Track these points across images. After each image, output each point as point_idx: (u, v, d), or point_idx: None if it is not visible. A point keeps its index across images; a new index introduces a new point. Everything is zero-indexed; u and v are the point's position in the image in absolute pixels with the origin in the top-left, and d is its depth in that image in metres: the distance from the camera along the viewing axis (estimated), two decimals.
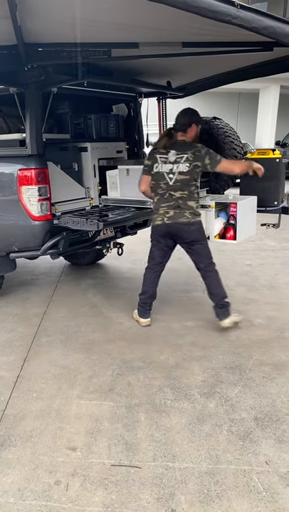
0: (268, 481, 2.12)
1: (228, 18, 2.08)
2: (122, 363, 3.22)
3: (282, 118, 17.95)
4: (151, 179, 3.53)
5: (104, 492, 2.06)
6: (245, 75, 4.25)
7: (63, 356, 3.34)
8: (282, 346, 3.44)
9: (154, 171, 3.49)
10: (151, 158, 3.53)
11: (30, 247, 3.70)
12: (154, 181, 3.51)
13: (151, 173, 3.51)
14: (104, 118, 4.46)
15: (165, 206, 3.49)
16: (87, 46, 3.11)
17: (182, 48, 3.04)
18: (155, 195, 3.55)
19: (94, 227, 3.48)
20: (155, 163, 3.48)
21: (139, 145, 5.04)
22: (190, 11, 1.99)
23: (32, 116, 3.45)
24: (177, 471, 2.18)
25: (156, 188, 3.51)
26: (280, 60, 3.61)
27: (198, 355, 3.32)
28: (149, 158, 3.55)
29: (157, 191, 3.52)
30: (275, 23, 2.29)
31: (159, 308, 4.24)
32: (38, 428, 2.52)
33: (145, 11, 2.38)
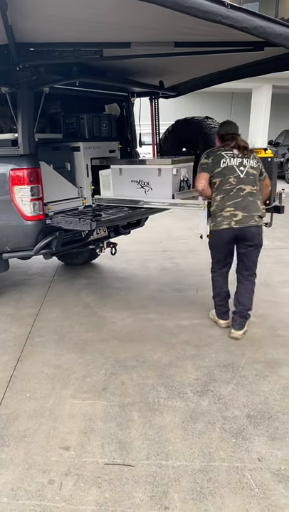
0: (260, 477, 2.13)
1: (219, 18, 2.09)
2: (115, 363, 3.22)
3: (275, 118, 18.02)
4: (215, 177, 3.41)
5: (97, 491, 2.06)
6: (237, 74, 4.27)
7: (57, 356, 3.34)
8: (275, 344, 3.47)
9: (220, 168, 3.38)
10: (212, 155, 3.44)
11: (22, 247, 3.69)
12: (221, 177, 3.38)
13: (213, 171, 3.40)
14: (96, 118, 4.45)
15: (232, 206, 3.34)
16: (78, 46, 3.11)
17: (174, 47, 3.05)
18: (218, 193, 3.40)
19: (87, 226, 3.48)
20: (221, 159, 3.39)
21: (132, 144, 5.04)
22: (181, 10, 2.00)
23: (24, 116, 3.44)
24: (170, 469, 2.19)
25: (223, 184, 3.37)
26: (271, 60, 3.63)
27: (192, 354, 3.33)
28: (207, 157, 3.44)
29: (223, 188, 3.37)
30: (265, 23, 2.31)
31: (152, 308, 4.26)
32: (31, 428, 2.52)
33: (136, 11, 2.38)
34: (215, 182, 3.43)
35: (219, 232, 3.43)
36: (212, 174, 3.43)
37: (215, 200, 3.44)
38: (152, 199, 3.97)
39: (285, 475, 2.15)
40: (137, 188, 4.05)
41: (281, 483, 2.09)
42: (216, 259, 3.66)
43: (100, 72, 4.02)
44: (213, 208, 3.45)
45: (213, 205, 3.46)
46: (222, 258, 3.61)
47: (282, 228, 7.59)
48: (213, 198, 3.46)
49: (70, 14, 2.55)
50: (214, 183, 3.44)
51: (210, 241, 3.60)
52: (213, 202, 3.46)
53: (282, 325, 3.81)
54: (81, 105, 4.52)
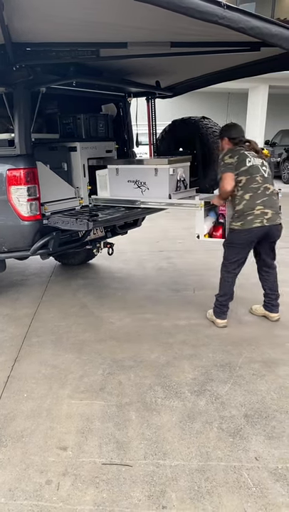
0: (257, 476, 2.14)
1: (215, 19, 2.10)
2: (112, 363, 3.22)
3: (272, 118, 18.06)
4: (240, 175, 3.42)
5: (95, 491, 2.06)
6: (234, 74, 4.29)
7: (54, 356, 3.34)
8: (271, 344, 3.48)
9: (246, 166, 3.41)
10: (236, 154, 3.45)
11: (19, 248, 3.69)
12: (248, 176, 3.41)
13: (238, 169, 3.41)
14: (93, 118, 4.45)
15: (261, 204, 3.40)
16: (75, 46, 3.11)
17: (170, 47, 3.06)
18: (246, 192, 3.42)
19: (84, 226, 3.48)
20: (246, 158, 3.43)
21: (129, 145, 5.04)
22: (177, 11, 2.00)
23: (20, 116, 3.43)
24: (168, 469, 2.19)
25: (251, 183, 3.41)
26: (268, 60, 3.64)
27: (189, 354, 3.33)
28: (232, 156, 3.44)
29: (250, 186, 3.41)
30: (261, 24, 2.31)
31: (149, 308, 4.26)
32: (28, 428, 2.52)
33: (133, 11, 2.39)
34: (240, 180, 3.44)
35: (251, 230, 3.44)
36: (237, 173, 3.42)
37: (243, 198, 3.43)
38: (149, 199, 3.98)
39: (282, 474, 2.15)
40: (134, 188, 4.06)
41: (278, 482, 2.10)
42: (235, 259, 3.60)
43: (97, 72, 4.02)
44: (242, 207, 3.44)
45: (240, 203, 3.44)
46: (242, 257, 3.61)
47: None
48: (239, 196, 3.45)
49: (67, 14, 2.55)
50: (239, 181, 3.44)
51: (231, 241, 3.57)
52: (240, 200, 3.44)
53: (278, 324, 3.82)
54: (78, 105, 4.52)
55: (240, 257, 3.60)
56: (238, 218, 3.47)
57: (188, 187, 4.13)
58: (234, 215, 3.52)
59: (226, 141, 3.64)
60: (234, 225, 3.50)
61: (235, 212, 3.50)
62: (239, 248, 3.56)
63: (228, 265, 3.66)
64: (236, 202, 3.48)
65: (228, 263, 3.66)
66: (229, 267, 3.65)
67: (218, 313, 3.78)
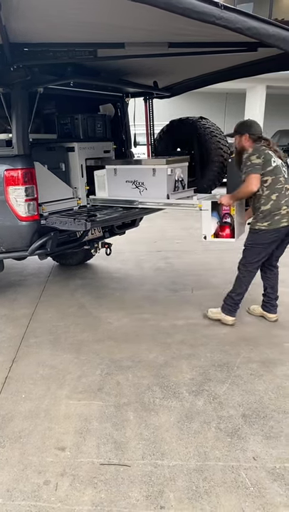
0: (255, 476, 2.14)
1: (212, 19, 2.10)
2: (110, 363, 3.22)
3: (269, 118, 18.09)
4: (266, 175, 3.39)
5: (93, 491, 2.07)
6: (231, 75, 4.29)
7: (52, 357, 3.33)
8: (269, 343, 3.48)
9: (271, 167, 3.39)
10: (262, 154, 3.39)
11: (17, 248, 3.68)
12: (273, 176, 3.39)
13: (265, 169, 3.38)
14: (91, 118, 4.45)
15: (285, 205, 3.42)
16: (73, 46, 3.11)
17: (168, 48, 3.06)
18: (272, 192, 3.41)
19: (82, 227, 3.48)
20: (271, 158, 3.40)
21: (127, 145, 5.04)
22: (174, 11, 2.00)
23: (18, 116, 3.43)
24: (166, 469, 2.20)
25: (276, 183, 3.40)
26: (265, 61, 3.65)
27: (187, 354, 3.34)
28: (259, 156, 3.37)
29: (276, 186, 3.41)
30: (258, 24, 2.32)
31: (147, 308, 4.26)
32: (26, 429, 2.52)
33: (130, 12, 2.39)
34: (266, 180, 3.41)
35: (278, 230, 3.46)
36: (263, 173, 3.39)
37: (270, 198, 3.42)
38: (147, 199, 3.97)
39: (280, 473, 2.16)
40: (132, 188, 4.05)
41: (276, 482, 2.10)
42: (257, 260, 3.60)
43: (95, 73, 4.03)
44: (269, 207, 3.42)
45: (267, 203, 3.42)
46: (264, 257, 3.61)
47: None
48: (266, 196, 3.43)
49: (64, 15, 2.55)
50: (265, 181, 3.41)
51: (256, 241, 3.53)
52: (266, 200, 3.43)
53: (276, 324, 3.83)
54: (76, 105, 4.52)
55: (263, 256, 3.60)
56: (264, 218, 3.45)
57: (186, 187, 4.13)
58: (258, 215, 3.48)
59: (246, 138, 3.55)
60: (260, 226, 3.47)
61: (260, 213, 3.46)
62: (263, 248, 3.55)
63: (248, 265, 3.64)
64: (262, 202, 3.45)
65: (249, 263, 3.62)
66: (250, 267, 3.64)
67: (230, 310, 3.77)
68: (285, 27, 2.50)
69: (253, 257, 3.59)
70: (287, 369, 3.10)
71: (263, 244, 3.52)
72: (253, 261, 3.60)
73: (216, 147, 4.56)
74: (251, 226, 3.57)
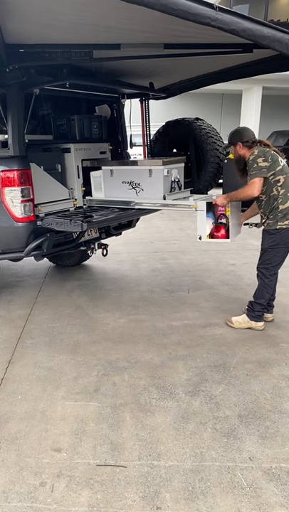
0: (251, 476, 2.15)
1: (208, 21, 2.11)
2: (107, 364, 3.22)
3: (265, 119, 18.15)
4: (277, 175, 3.35)
5: (89, 492, 2.06)
6: (227, 76, 4.31)
7: (48, 358, 3.33)
8: (265, 344, 3.49)
9: (280, 166, 3.36)
10: (269, 155, 3.35)
11: (13, 249, 3.68)
12: (285, 175, 3.37)
13: (275, 169, 3.34)
14: (87, 119, 4.45)
15: None
16: (68, 47, 3.12)
17: (164, 49, 3.07)
18: (287, 190, 3.37)
19: (78, 228, 3.48)
20: (278, 158, 3.39)
21: (123, 146, 5.05)
22: (170, 13, 2.02)
23: (14, 117, 3.43)
24: (162, 469, 2.20)
25: (288, 181, 3.38)
26: (261, 62, 3.67)
27: (183, 354, 3.34)
28: (265, 158, 3.33)
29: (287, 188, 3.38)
30: (253, 26, 2.33)
31: (144, 308, 4.26)
32: (23, 430, 2.51)
33: (126, 14, 2.39)
34: (278, 180, 3.37)
35: None
36: (273, 173, 3.35)
37: (287, 197, 3.38)
38: (143, 200, 3.98)
39: (276, 474, 2.16)
40: (128, 189, 4.06)
41: (272, 482, 2.11)
42: (279, 261, 3.55)
43: (91, 74, 4.03)
44: (287, 206, 3.39)
45: (286, 202, 3.38)
46: (285, 256, 3.56)
47: None
48: (283, 195, 3.38)
49: (60, 16, 2.56)
50: (277, 181, 3.37)
51: (278, 241, 3.47)
52: (284, 199, 3.38)
53: (272, 324, 3.83)
54: (72, 106, 4.52)
55: (284, 256, 3.56)
56: (285, 217, 3.40)
57: (182, 188, 4.14)
58: (277, 214, 3.42)
59: (240, 147, 3.51)
60: (281, 225, 3.41)
61: (279, 212, 3.41)
62: (285, 248, 3.51)
63: (272, 268, 3.57)
64: (280, 201, 3.39)
65: (272, 266, 3.57)
66: (273, 269, 3.58)
67: (259, 316, 3.72)
68: (280, 28, 2.51)
69: (277, 258, 3.53)
70: (283, 369, 3.11)
71: (286, 243, 3.48)
72: (277, 262, 3.55)
73: (212, 148, 4.57)
74: (269, 227, 3.48)
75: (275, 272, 3.62)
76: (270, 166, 3.34)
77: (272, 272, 3.60)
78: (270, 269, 3.59)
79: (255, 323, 3.73)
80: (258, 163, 3.33)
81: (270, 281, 3.63)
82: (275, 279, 3.66)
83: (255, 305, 3.71)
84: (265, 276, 3.62)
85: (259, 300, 3.68)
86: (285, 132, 16.10)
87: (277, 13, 16.46)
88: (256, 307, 3.70)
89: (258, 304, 3.69)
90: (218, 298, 4.50)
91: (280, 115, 20.71)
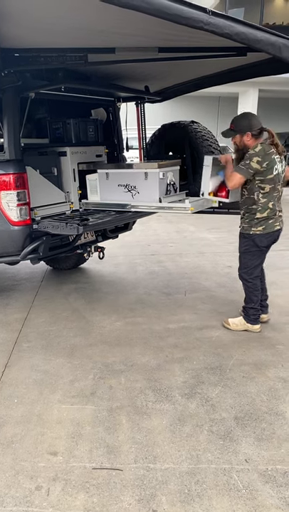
0: (247, 478, 2.15)
1: (200, 25, 2.12)
2: (103, 367, 3.22)
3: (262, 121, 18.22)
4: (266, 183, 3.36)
5: (85, 495, 2.06)
6: (222, 79, 4.32)
7: (44, 361, 3.33)
8: (261, 346, 3.49)
9: (272, 175, 3.33)
10: (267, 159, 3.27)
11: (9, 253, 3.68)
12: (272, 184, 3.37)
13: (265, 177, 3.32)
14: (83, 122, 4.46)
15: (278, 209, 3.49)
16: (63, 51, 3.13)
17: (158, 53, 3.09)
18: (269, 200, 3.41)
19: (74, 231, 3.48)
20: (274, 165, 3.32)
21: (119, 149, 5.06)
22: (163, 17, 2.03)
23: (9, 121, 3.44)
24: (158, 472, 2.20)
25: (273, 191, 3.41)
26: (255, 65, 3.68)
27: (180, 357, 3.34)
28: (262, 161, 3.26)
29: (273, 194, 3.42)
30: (246, 29, 2.34)
31: (140, 311, 4.26)
32: (19, 434, 2.51)
33: (120, 18, 2.40)
34: (264, 187, 3.38)
35: (273, 233, 3.51)
36: (262, 179, 3.35)
37: (267, 207, 3.43)
38: (139, 203, 3.98)
39: (272, 475, 2.16)
40: (124, 192, 4.07)
41: (268, 484, 2.11)
42: (257, 263, 3.62)
43: (86, 78, 4.04)
44: (266, 215, 3.44)
45: (264, 211, 3.43)
46: (263, 259, 3.65)
47: None
48: (262, 204, 3.42)
49: (55, 20, 2.57)
50: (263, 188, 3.39)
51: (252, 246, 3.53)
52: (263, 208, 3.43)
53: (268, 326, 3.84)
54: (67, 110, 4.53)
55: (262, 259, 3.65)
56: (259, 224, 3.47)
57: (178, 190, 4.15)
58: (253, 220, 3.48)
59: (249, 137, 3.41)
60: (255, 231, 3.48)
61: (255, 219, 3.47)
62: (260, 251, 3.58)
63: (251, 272, 3.63)
64: (258, 209, 3.44)
65: (250, 270, 3.62)
66: (252, 273, 3.63)
67: (255, 319, 3.73)
68: (274, 32, 2.53)
69: (253, 261, 3.59)
70: (279, 371, 3.12)
71: (260, 247, 3.54)
72: (254, 265, 3.60)
73: (207, 151, 4.59)
74: (244, 231, 3.56)
75: (257, 275, 3.66)
76: (262, 172, 3.30)
77: (253, 276, 3.64)
78: (249, 272, 3.64)
79: (251, 325, 3.74)
80: (251, 162, 3.28)
81: (253, 284, 3.66)
82: (258, 281, 3.69)
83: (247, 309, 3.73)
84: (246, 280, 3.67)
85: (249, 304, 3.71)
86: (282, 134, 16.17)
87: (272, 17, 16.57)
88: (249, 311, 3.72)
89: (250, 309, 3.71)
90: (215, 300, 4.51)
91: (277, 117, 20.78)
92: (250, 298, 3.69)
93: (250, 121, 3.44)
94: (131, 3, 1.88)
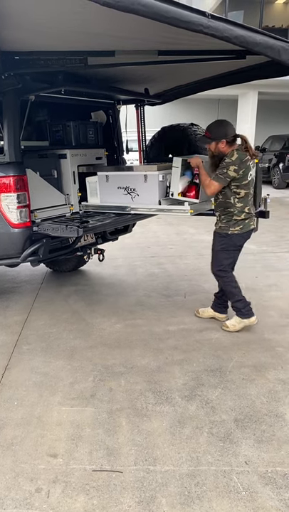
0: (247, 480, 2.15)
1: (200, 28, 2.13)
2: (103, 369, 3.23)
3: (261, 123, 18.25)
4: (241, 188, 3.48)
5: (85, 498, 2.06)
6: (221, 82, 4.34)
7: (44, 363, 3.33)
8: (261, 348, 3.50)
9: (247, 181, 3.47)
10: (243, 167, 3.40)
11: (9, 255, 3.68)
12: (247, 190, 3.52)
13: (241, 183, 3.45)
14: (82, 125, 4.47)
15: (252, 210, 3.64)
16: (63, 54, 3.14)
17: (158, 56, 3.10)
18: (245, 205, 3.55)
19: (74, 233, 3.48)
20: (249, 171, 3.46)
21: (119, 151, 5.07)
22: (163, 21, 2.03)
23: (10, 123, 3.45)
24: (158, 474, 2.20)
25: (248, 196, 3.56)
26: (255, 68, 3.69)
27: (180, 359, 3.34)
28: (238, 169, 3.38)
29: (247, 198, 3.57)
30: (245, 33, 2.36)
31: (140, 313, 4.27)
32: (19, 436, 2.51)
33: (120, 21, 2.41)
34: (239, 192, 3.52)
35: (249, 232, 3.66)
36: (237, 185, 3.47)
37: (243, 211, 3.57)
38: (139, 205, 3.99)
39: (272, 477, 2.16)
40: (124, 194, 4.07)
41: (268, 486, 2.11)
42: (231, 261, 3.75)
43: (86, 80, 4.06)
44: (242, 217, 3.58)
45: (241, 215, 3.57)
46: (237, 257, 3.78)
47: (269, 233, 7.68)
48: (239, 208, 3.55)
49: (55, 24, 2.58)
50: (238, 193, 3.52)
51: (230, 244, 3.65)
52: (240, 212, 3.56)
53: (268, 328, 3.85)
54: (67, 113, 4.55)
55: (236, 257, 3.77)
56: (237, 224, 3.59)
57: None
58: (231, 221, 3.59)
59: (224, 144, 3.50)
60: (233, 230, 3.59)
61: (233, 220, 3.58)
62: (236, 250, 3.71)
63: (226, 269, 3.74)
64: (235, 212, 3.57)
65: (224, 267, 3.74)
66: (227, 269, 3.75)
67: (247, 312, 3.78)
68: (272, 35, 2.54)
69: (228, 259, 3.73)
70: (279, 373, 3.12)
71: (236, 246, 3.68)
72: (229, 262, 3.75)
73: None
74: (222, 230, 3.65)
75: (229, 271, 3.78)
76: (238, 178, 3.44)
77: (226, 272, 3.76)
78: (225, 270, 3.77)
79: (247, 319, 3.79)
80: (228, 171, 3.40)
81: (228, 278, 3.77)
82: (232, 275, 3.79)
83: (236, 304, 3.80)
84: (222, 277, 3.80)
85: (233, 298, 3.79)
86: (281, 137, 16.21)
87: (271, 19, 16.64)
88: (238, 305, 3.78)
89: (237, 302, 3.78)
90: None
91: (276, 120, 20.86)
92: (232, 292, 3.78)
93: (225, 129, 3.54)
94: (131, 7, 1.89)
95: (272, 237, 7.44)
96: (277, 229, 8.09)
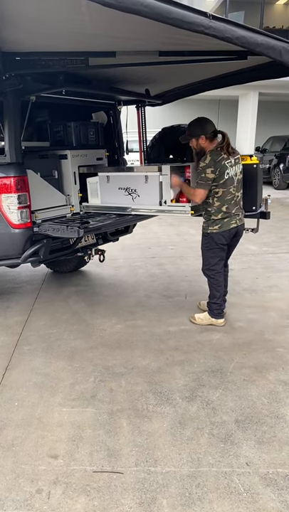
0: (248, 481, 2.14)
1: (201, 29, 2.13)
2: (104, 370, 3.22)
3: (262, 124, 18.24)
4: (218, 187, 3.55)
5: (86, 499, 2.06)
6: (222, 82, 4.33)
7: (45, 364, 3.33)
8: (262, 349, 3.49)
9: (223, 179, 3.51)
10: (218, 166, 3.47)
11: (10, 255, 3.68)
12: (224, 188, 3.56)
13: (218, 182, 3.52)
14: (83, 126, 4.47)
15: (234, 209, 3.67)
16: (64, 55, 3.14)
17: (159, 56, 3.10)
18: (222, 204, 3.60)
19: (74, 234, 3.48)
20: (225, 170, 3.50)
21: (119, 152, 5.07)
22: (164, 22, 2.03)
23: (10, 124, 3.45)
24: (159, 476, 2.19)
25: (226, 195, 3.59)
26: (256, 69, 3.69)
27: (180, 360, 3.34)
28: (214, 170, 3.46)
29: (226, 198, 3.60)
30: (247, 33, 2.35)
31: (141, 314, 4.26)
32: (19, 437, 2.51)
33: (121, 22, 2.41)
34: (217, 191, 3.59)
35: (230, 230, 3.69)
36: (216, 185, 3.54)
37: (220, 210, 3.63)
38: (140, 206, 3.99)
39: (273, 479, 2.16)
40: (125, 195, 4.07)
41: (269, 487, 2.11)
42: (218, 259, 3.80)
43: (87, 81, 4.06)
44: (220, 217, 3.64)
45: (218, 214, 3.64)
46: (223, 255, 3.83)
47: (269, 234, 7.67)
48: (217, 207, 3.63)
49: (56, 25, 2.58)
50: (216, 192, 3.59)
51: (211, 243, 3.73)
52: (217, 211, 3.64)
53: (269, 329, 3.84)
54: (68, 113, 4.55)
55: (221, 255, 3.82)
56: (215, 223, 3.68)
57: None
58: (210, 220, 3.69)
59: (203, 140, 3.62)
60: (212, 229, 3.69)
61: (211, 219, 3.68)
62: (219, 248, 3.76)
63: (213, 268, 3.83)
64: (213, 212, 3.66)
65: (212, 266, 3.83)
66: (214, 269, 3.83)
67: (219, 313, 3.90)
68: (274, 36, 2.54)
69: (213, 258, 3.80)
70: (280, 374, 3.12)
71: (218, 245, 3.74)
72: (215, 261, 3.80)
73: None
74: (204, 230, 3.76)
75: (219, 271, 3.84)
76: (216, 178, 3.50)
77: (214, 272, 3.84)
78: (211, 268, 3.84)
79: (215, 320, 3.89)
80: (206, 174, 3.49)
81: (215, 280, 3.84)
82: (220, 277, 3.86)
83: (211, 304, 3.91)
84: (209, 276, 3.89)
85: (212, 299, 3.90)
86: (282, 138, 16.21)
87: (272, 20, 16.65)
88: (213, 306, 3.90)
89: (213, 303, 3.89)
90: None
91: (277, 121, 20.84)
92: (213, 293, 3.88)
93: (202, 125, 3.67)
94: (132, 8, 1.89)
95: (273, 238, 7.43)
96: (277, 230, 8.08)
